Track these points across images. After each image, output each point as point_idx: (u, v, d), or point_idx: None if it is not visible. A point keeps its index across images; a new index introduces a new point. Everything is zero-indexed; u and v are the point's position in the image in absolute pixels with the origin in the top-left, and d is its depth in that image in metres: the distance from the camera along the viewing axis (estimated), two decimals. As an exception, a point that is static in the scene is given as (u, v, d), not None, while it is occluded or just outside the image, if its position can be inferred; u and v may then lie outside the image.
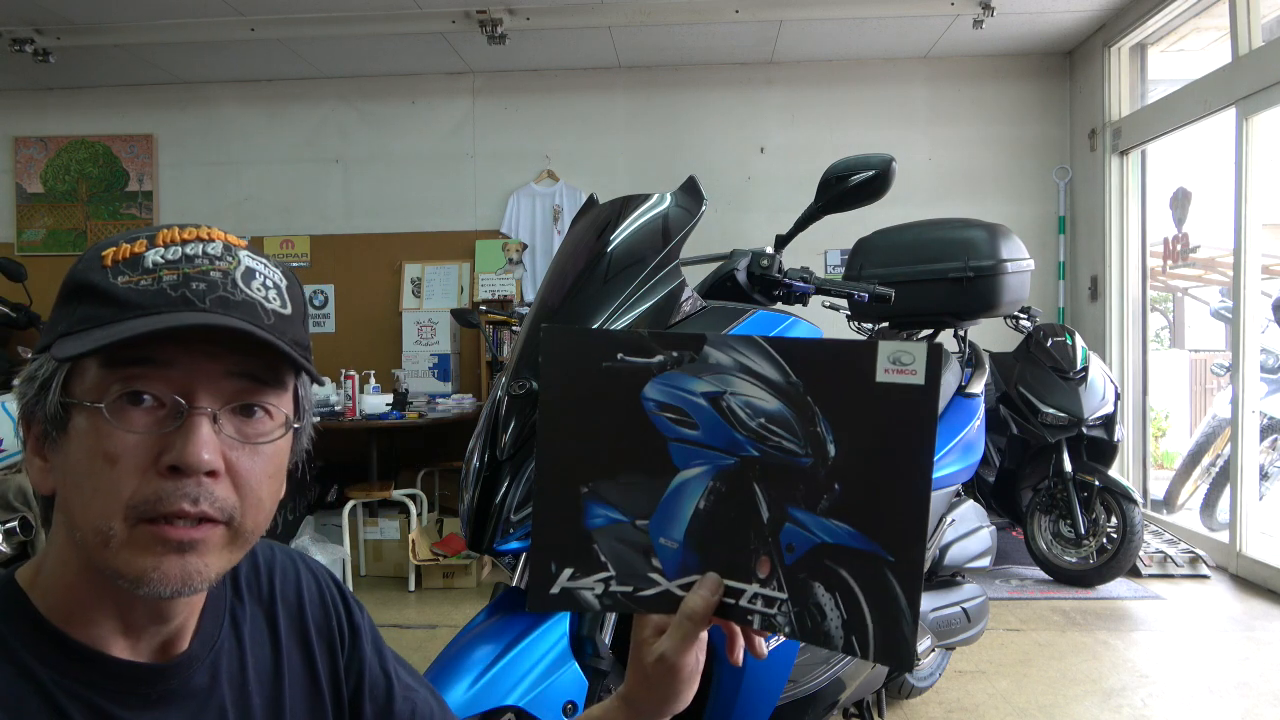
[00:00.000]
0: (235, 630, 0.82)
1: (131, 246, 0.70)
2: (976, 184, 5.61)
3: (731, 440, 0.76)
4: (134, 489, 0.66)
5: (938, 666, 2.73)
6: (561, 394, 0.80)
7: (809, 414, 0.73)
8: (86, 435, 0.67)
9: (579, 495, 0.80)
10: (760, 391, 0.75)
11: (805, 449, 0.73)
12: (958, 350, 2.71)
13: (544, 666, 1.32)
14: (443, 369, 5.58)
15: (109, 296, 0.68)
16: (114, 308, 0.67)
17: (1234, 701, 2.77)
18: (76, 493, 0.68)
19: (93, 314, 0.68)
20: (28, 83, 5.80)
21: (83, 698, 0.69)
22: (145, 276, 0.69)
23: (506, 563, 1.57)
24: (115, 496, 0.66)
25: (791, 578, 0.74)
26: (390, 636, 3.87)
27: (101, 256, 0.70)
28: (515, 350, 1.59)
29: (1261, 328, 4.41)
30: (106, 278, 0.69)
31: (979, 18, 4.80)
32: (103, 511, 0.66)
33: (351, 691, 0.91)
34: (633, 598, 0.79)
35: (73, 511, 0.68)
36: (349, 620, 0.92)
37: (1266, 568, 3.93)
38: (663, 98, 5.75)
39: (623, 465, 0.79)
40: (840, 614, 0.72)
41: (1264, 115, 3.99)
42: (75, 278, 0.71)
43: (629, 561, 0.79)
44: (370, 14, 4.89)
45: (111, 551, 0.67)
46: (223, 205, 5.90)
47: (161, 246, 0.70)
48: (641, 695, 0.84)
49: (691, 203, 1.68)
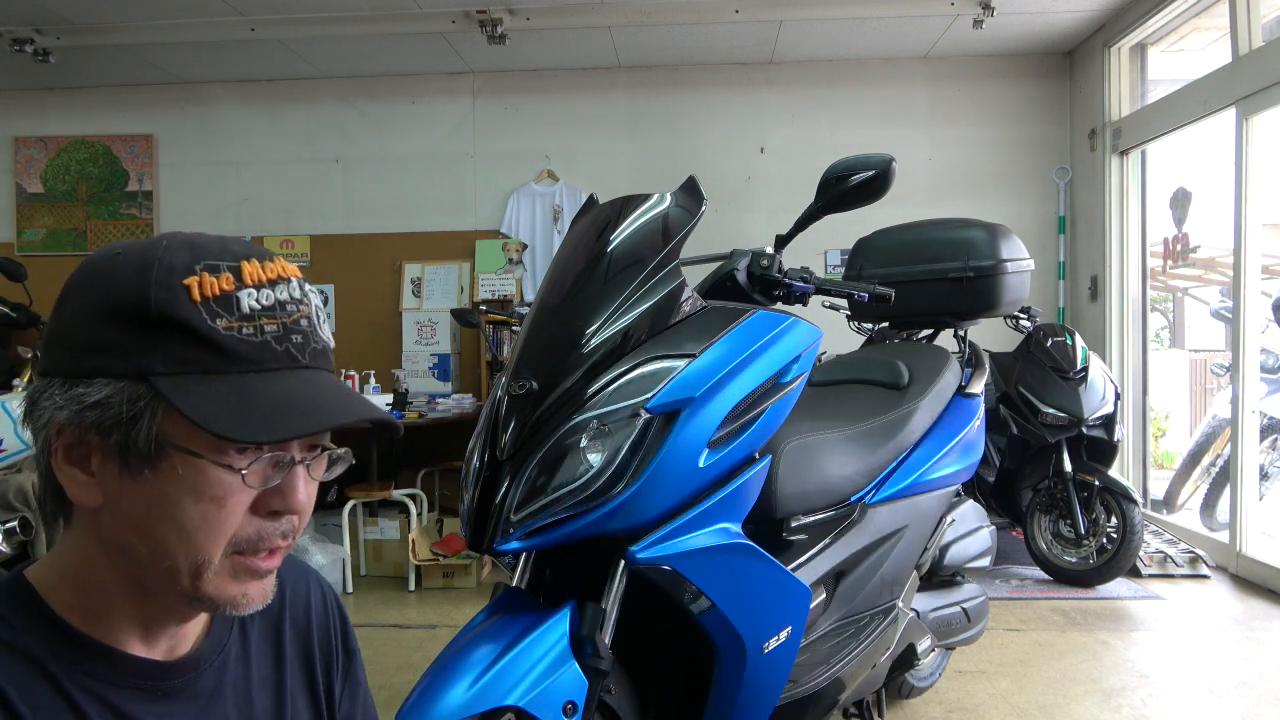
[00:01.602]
0: (243, 638, 0.85)
1: (218, 281, 0.70)
2: (976, 184, 5.61)
3: None
4: (238, 528, 0.72)
5: (938, 666, 2.73)
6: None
7: None
8: (194, 478, 0.69)
9: None
10: None
11: None
12: (958, 350, 2.71)
13: (544, 666, 1.32)
14: (443, 369, 5.58)
15: (213, 344, 0.69)
16: (221, 358, 0.69)
17: (1234, 701, 2.77)
18: (168, 525, 0.70)
19: (195, 358, 0.68)
20: (28, 83, 5.80)
21: (93, 691, 0.71)
22: (246, 324, 0.70)
23: (506, 563, 1.57)
24: (221, 535, 0.71)
25: None
26: (390, 636, 3.85)
27: (186, 288, 0.68)
28: (515, 350, 1.59)
29: (1261, 328, 4.41)
30: (203, 318, 0.68)
31: (979, 18, 4.80)
32: (204, 547, 0.71)
33: (344, 713, 0.94)
34: None
35: (159, 541, 0.70)
36: (344, 643, 0.96)
37: (1266, 568, 3.93)
38: (663, 98, 5.75)
39: None
40: None
41: (1264, 115, 3.99)
42: (160, 308, 0.68)
43: None
44: (370, 14, 4.89)
45: (205, 581, 0.71)
46: (223, 205, 5.91)
47: (253, 288, 0.71)
48: None
49: (691, 203, 1.68)
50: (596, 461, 1.42)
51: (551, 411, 1.45)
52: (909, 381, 2.37)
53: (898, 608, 2.16)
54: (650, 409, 1.46)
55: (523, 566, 1.60)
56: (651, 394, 1.47)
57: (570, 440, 1.43)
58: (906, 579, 2.23)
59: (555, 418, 1.45)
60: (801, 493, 1.94)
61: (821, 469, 2.00)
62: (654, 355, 1.51)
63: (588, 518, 1.42)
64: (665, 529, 1.49)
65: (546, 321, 1.56)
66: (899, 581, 2.19)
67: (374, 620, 3.76)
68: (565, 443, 1.43)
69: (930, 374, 2.39)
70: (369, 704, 0.98)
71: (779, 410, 1.65)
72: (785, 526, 1.95)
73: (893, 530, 2.16)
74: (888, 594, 2.15)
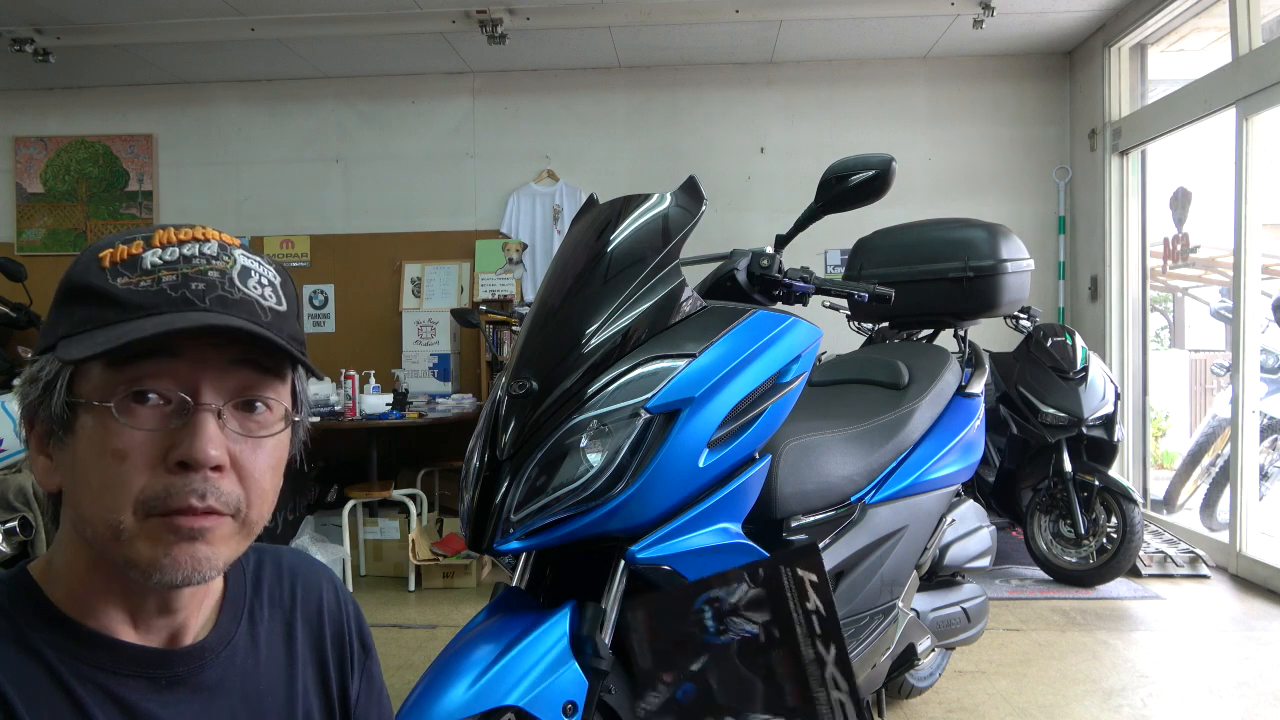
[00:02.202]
0: (252, 631, 0.84)
1: (128, 248, 0.73)
2: (976, 184, 5.61)
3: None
4: (144, 485, 0.69)
5: (938, 666, 2.73)
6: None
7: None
8: (94, 433, 0.69)
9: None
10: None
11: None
12: (958, 350, 2.71)
13: (544, 666, 1.32)
14: (443, 369, 5.58)
15: (110, 298, 0.70)
16: (115, 309, 0.70)
17: (1234, 701, 2.77)
18: (85, 489, 0.70)
19: (95, 315, 0.70)
20: (28, 83, 5.80)
21: (94, 680, 0.71)
22: (145, 278, 0.71)
23: (506, 563, 1.57)
24: (125, 492, 0.69)
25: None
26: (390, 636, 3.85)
27: (99, 258, 0.72)
28: (515, 350, 1.59)
29: (1261, 328, 4.41)
30: (105, 279, 0.71)
31: (979, 18, 4.80)
32: (113, 506, 0.69)
33: (360, 710, 0.93)
34: None
35: (81, 506, 0.71)
36: (360, 640, 0.95)
37: (1266, 568, 3.93)
38: (663, 98, 5.75)
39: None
40: None
41: (1264, 115, 3.99)
42: (73, 280, 0.72)
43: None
44: (370, 14, 4.89)
45: (123, 544, 0.69)
46: (223, 205, 5.90)
47: (159, 248, 0.73)
48: None
49: (691, 203, 1.68)
50: (596, 461, 1.42)
51: (551, 411, 1.45)
52: (909, 381, 2.37)
53: (898, 608, 2.16)
54: (650, 409, 1.46)
55: (523, 566, 1.59)
56: (651, 394, 1.47)
57: (570, 440, 1.43)
58: (906, 579, 2.23)
59: (555, 418, 1.45)
60: (801, 493, 1.94)
61: (821, 469, 2.00)
62: (654, 355, 1.51)
63: (588, 518, 1.42)
64: (665, 529, 1.49)
65: (546, 321, 1.56)
66: (899, 581, 2.19)
67: (374, 620, 3.76)
68: (565, 443, 1.43)
69: (930, 374, 2.39)
70: (385, 701, 0.97)
71: (779, 410, 1.65)
72: (785, 526, 1.95)
73: (893, 530, 2.16)
74: (888, 594, 2.15)
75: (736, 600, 0.88)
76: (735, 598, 0.88)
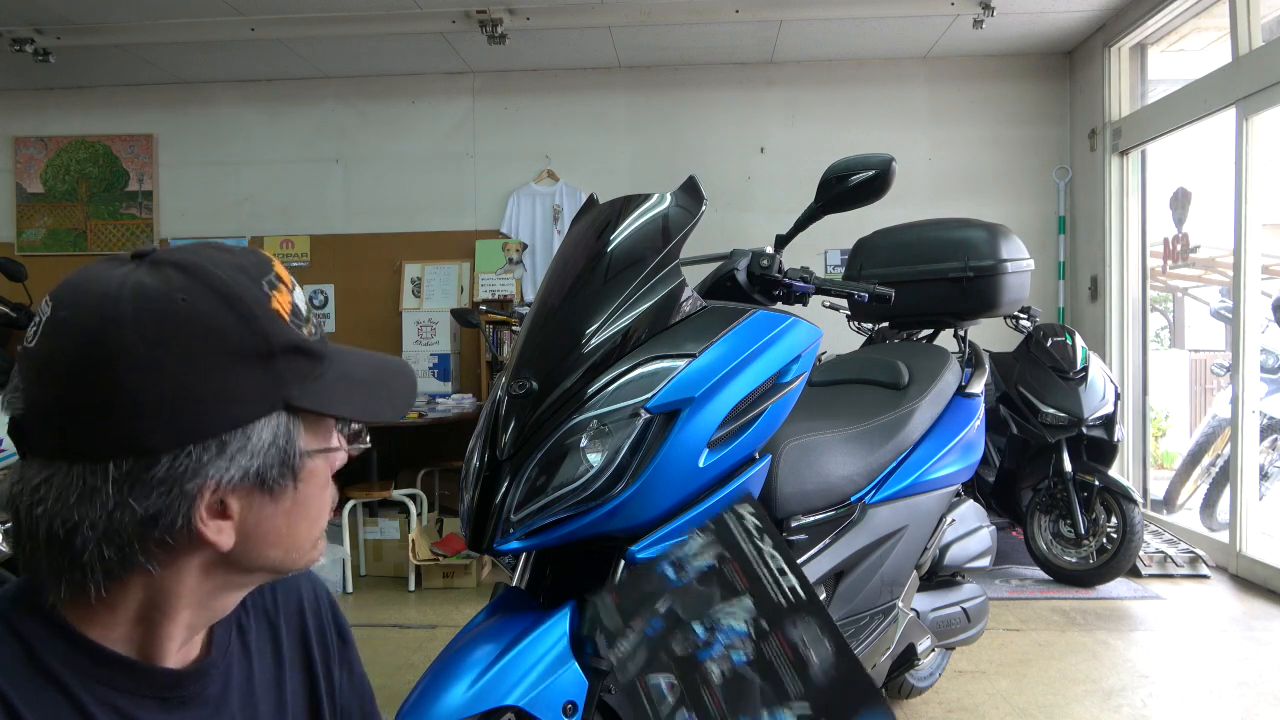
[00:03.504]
0: (242, 639, 0.85)
1: (282, 296, 0.74)
2: (976, 184, 5.61)
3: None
4: (334, 493, 0.81)
5: (938, 666, 2.73)
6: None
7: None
8: (322, 471, 0.78)
9: None
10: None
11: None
12: (958, 350, 2.71)
13: (544, 666, 1.32)
14: (443, 369, 5.58)
15: (310, 352, 0.75)
16: (313, 360, 0.76)
17: (1234, 701, 2.77)
18: (304, 523, 0.77)
19: (305, 370, 0.75)
20: (28, 83, 5.80)
21: (110, 703, 0.71)
22: (309, 325, 0.77)
23: (506, 563, 1.57)
24: (329, 504, 0.80)
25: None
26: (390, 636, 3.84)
27: (276, 312, 0.73)
28: (515, 350, 1.59)
29: (1261, 328, 4.41)
30: (301, 334, 0.74)
31: (979, 18, 4.80)
32: (322, 523, 0.80)
33: (344, 699, 0.95)
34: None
35: (295, 541, 0.77)
36: (339, 631, 0.97)
37: (1266, 568, 3.93)
38: (663, 98, 5.75)
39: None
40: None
41: (1264, 115, 3.99)
42: (280, 340, 0.72)
43: None
44: (370, 14, 4.89)
45: (317, 548, 0.80)
46: (223, 205, 5.90)
47: (296, 288, 0.77)
48: None
49: (691, 203, 1.68)
50: (596, 461, 1.42)
51: (551, 411, 1.45)
52: (909, 381, 2.37)
53: (898, 608, 2.16)
54: (650, 409, 1.46)
55: (523, 566, 1.59)
56: (651, 394, 1.47)
57: (570, 440, 1.43)
58: (906, 579, 2.23)
59: (555, 418, 1.45)
60: (801, 493, 1.94)
61: (821, 469, 2.00)
62: (654, 355, 1.51)
63: (587, 518, 1.42)
64: (665, 529, 1.49)
65: (546, 321, 1.56)
66: (899, 581, 2.19)
67: (374, 620, 3.76)
68: (565, 443, 1.43)
69: (930, 374, 2.39)
70: (365, 687, 0.99)
71: (779, 410, 1.65)
72: (785, 526, 1.95)
73: (893, 530, 2.16)
74: (888, 594, 2.15)
75: (694, 550, 0.99)
76: (690, 550, 0.99)
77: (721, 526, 0.99)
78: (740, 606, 0.91)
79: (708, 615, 0.92)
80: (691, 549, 0.98)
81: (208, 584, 0.74)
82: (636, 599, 0.96)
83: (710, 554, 0.97)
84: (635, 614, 0.94)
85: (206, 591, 0.74)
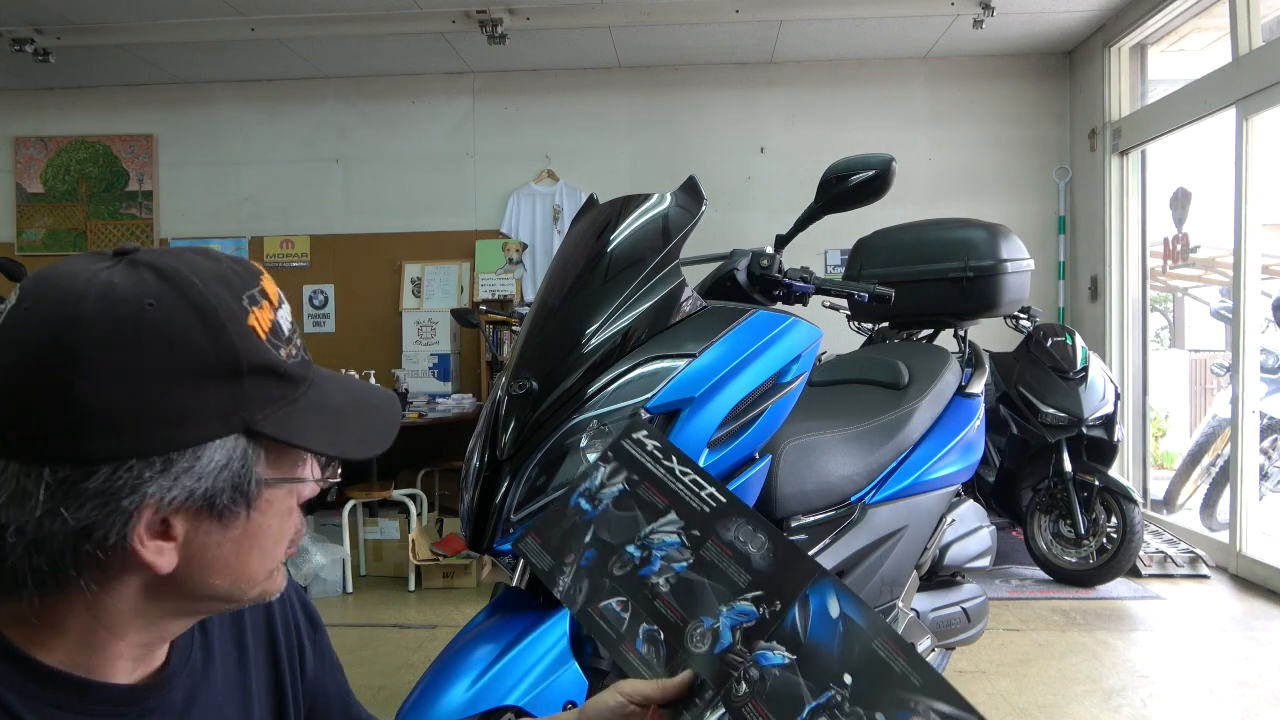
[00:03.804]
0: (205, 642, 0.82)
1: (263, 312, 0.70)
2: (976, 184, 5.61)
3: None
4: (298, 524, 0.76)
5: (938, 666, 2.73)
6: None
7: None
8: (285, 498, 0.73)
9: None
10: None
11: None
12: (958, 350, 2.71)
13: (544, 666, 1.32)
14: (443, 369, 5.58)
15: (286, 375, 0.71)
16: (290, 384, 0.71)
17: (1234, 701, 2.77)
18: (256, 553, 0.72)
19: (277, 394, 0.70)
20: (28, 83, 5.80)
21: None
22: (290, 346, 0.72)
23: (506, 563, 1.57)
24: (288, 537, 0.76)
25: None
26: (390, 636, 3.84)
27: (253, 329, 0.68)
28: (515, 350, 1.59)
29: (1261, 328, 4.41)
30: (276, 355, 0.70)
31: (979, 18, 4.80)
32: (279, 554, 0.75)
33: (316, 683, 0.93)
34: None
35: (244, 570, 0.72)
36: (309, 619, 0.95)
37: (1266, 568, 3.93)
38: (663, 98, 5.75)
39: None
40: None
41: (1264, 115, 3.99)
42: (250, 359, 0.67)
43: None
44: (370, 14, 4.89)
45: (272, 581, 0.75)
46: (223, 205, 5.91)
47: (279, 306, 0.72)
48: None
49: (691, 203, 1.68)
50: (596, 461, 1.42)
51: (551, 411, 1.45)
52: (909, 381, 2.37)
53: (898, 608, 2.16)
54: (650, 409, 1.46)
55: (523, 566, 1.59)
56: (651, 394, 1.47)
57: (570, 440, 1.43)
58: (906, 579, 2.23)
59: (555, 418, 1.45)
60: (801, 493, 1.94)
61: (821, 469, 2.00)
62: (654, 355, 1.51)
63: (587, 518, 1.42)
64: (665, 529, 1.48)
65: (546, 321, 1.56)
66: (899, 581, 2.19)
67: (374, 620, 3.76)
68: (565, 443, 1.43)
69: (930, 374, 2.39)
70: (338, 670, 0.97)
71: (779, 410, 1.65)
72: (785, 526, 1.95)
73: (893, 530, 2.16)
74: (888, 594, 2.15)
75: (600, 480, 0.98)
76: (599, 479, 0.98)
77: (622, 453, 0.99)
78: (667, 522, 0.92)
79: (637, 537, 0.92)
80: (598, 479, 0.98)
81: (153, 608, 0.70)
82: (558, 536, 0.97)
83: (619, 480, 0.97)
84: (562, 551, 0.95)
85: (153, 615, 0.71)
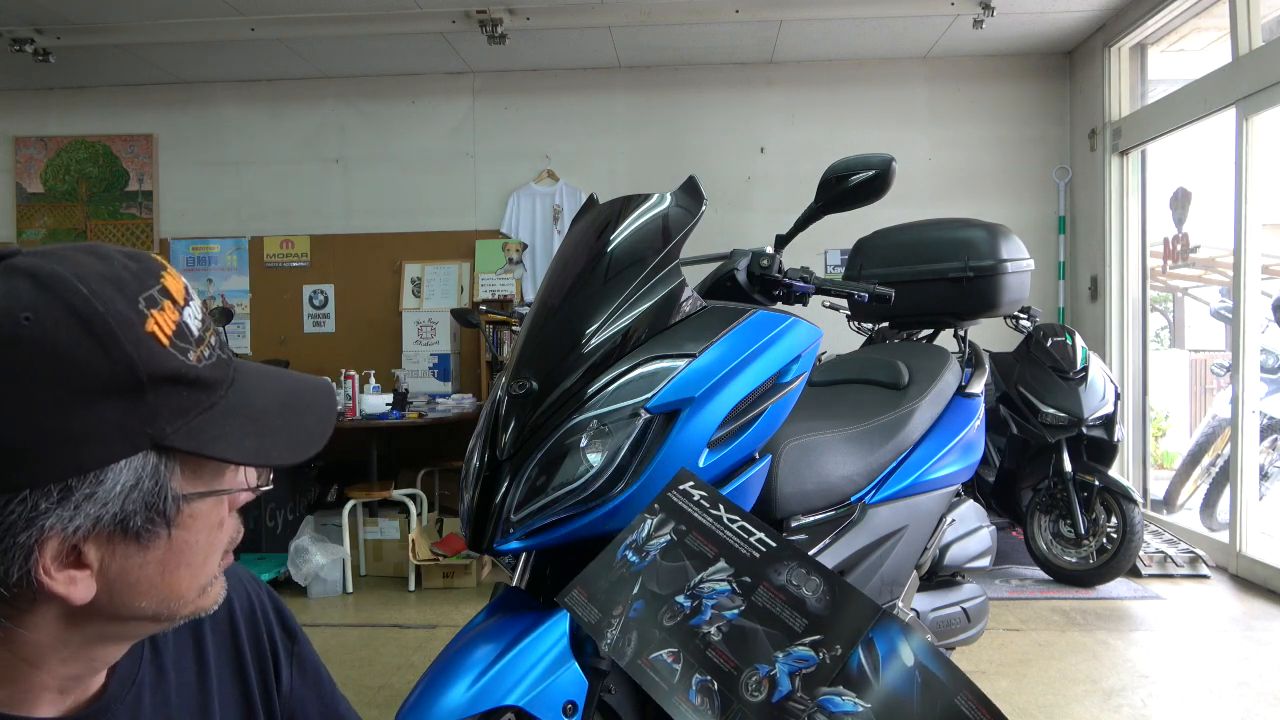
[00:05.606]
0: (156, 660, 0.78)
1: (164, 315, 0.63)
2: (976, 184, 5.61)
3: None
4: (232, 534, 0.72)
5: (938, 666, 2.72)
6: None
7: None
8: (210, 512, 0.68)
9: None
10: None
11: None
12: (958, 350, 2.71)
13: (544, 666, 1.32)
14: (443, 369, 5.58)
15: (197, 381, 0.64)
16: (205, 390, 0.65)
17: (1234, 701, 2.77)
18: (184, 569, 0.67)
19: (190, 403, 0.63)
20: (28, 83, 5.80)
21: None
22: (201, 347, 0.65)
23: (506, 563, 1.57)
24: (222, 548, 0.71)
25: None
26: (390, 636, 3.84)
27: (152, 335, 0.61)
28: (515, 350, 1.59)
29: (1261, 328, 4.41)
30: (182, 361, 0.63)
31: (979, 18, 4.80)
32: (212, 568, 0.70)
33: (296, 697, 0.90)
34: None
35: (172, 588, 0.66)
36: (283, 627, 0.90)
37: (1266, 568, 3.93)
38: (663, 98, 5.75)
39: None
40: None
41: (1264, 115, 3.99)
42: (150, 371, 0.60)
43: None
44: (370, 14, 4.89)
45: (205, 595, 0.70)
46: (223, 205, 5.91)
47: (184, 304, 0.65)
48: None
49: (691, 203, 1.68)
50: (596, 461, 1.42)
51: (551, 411, 1.45)
52: (909, 381, 2.37)
53: (898, 608, 2.16)
54: (650, 409, 1.46)
55: (523, 566, 1.59)
56: (651, 394, 1.47)
57: (570, 440, 1.43)
58: (906, 579, 2.23)
59: (555, 418, 1.45)
60: (801, 493, 1.94)
61: (821, 469, 2.00)
62: (654, 355, 1.51)
63: (588, 518, 1.42)
64: (665, 529, 1.48)
65: (546, 321, 1.56)
66: (899, 581, 2.19)
67: (374, 620, 3.76)
68: (565, 443, 1.43)
69: (930, 374, 2.39)
70: (323, 680, 0.93)
71: (779, 410, 1.65)
72: (785, 527, 1.95)
73: (893, 530, 2.16)
74: (888, 594, 2.15)
75: (647, 532, 0.98)
76: (646, 531, 0.98)
77: (669, 505, 0.98)
78: (716, 570, 0.90)
79: (686, 586, 0.90)
80: (644, 532, 0.97)
81: (76, 635, 0.65)
82: (604, 589, 0.95)
83: (666, 531, 0.96)
84: (609, 604, 0.93)
85: (77, 644, 0.65)
